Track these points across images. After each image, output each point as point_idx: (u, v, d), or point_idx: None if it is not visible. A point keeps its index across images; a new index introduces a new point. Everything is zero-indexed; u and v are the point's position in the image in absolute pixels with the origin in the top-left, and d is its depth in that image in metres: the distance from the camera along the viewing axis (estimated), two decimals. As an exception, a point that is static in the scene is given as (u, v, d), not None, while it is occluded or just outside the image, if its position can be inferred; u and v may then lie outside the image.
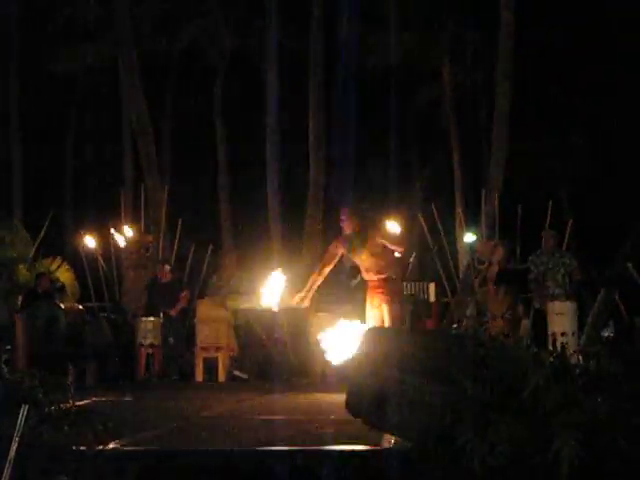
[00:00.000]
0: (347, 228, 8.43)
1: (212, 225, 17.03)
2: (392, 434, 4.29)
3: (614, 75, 16.80)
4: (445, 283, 12.55)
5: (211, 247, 12.93)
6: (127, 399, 7.89)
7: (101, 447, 4.25)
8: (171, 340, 10.65)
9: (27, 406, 3.82)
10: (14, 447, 3.67)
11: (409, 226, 13.86)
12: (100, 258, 12.79)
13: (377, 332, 4.84)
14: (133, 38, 14.25)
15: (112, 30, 14.81)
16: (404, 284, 11.31)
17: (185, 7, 17.48)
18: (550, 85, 17.51)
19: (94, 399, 6.34)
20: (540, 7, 15.87)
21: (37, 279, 11.19)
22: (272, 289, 8.90)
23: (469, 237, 13.21)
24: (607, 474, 3.76)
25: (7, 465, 3.60)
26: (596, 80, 17.02)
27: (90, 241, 12.44)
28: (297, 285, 8.97)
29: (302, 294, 8.47)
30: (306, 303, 8.55)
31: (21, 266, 12.16)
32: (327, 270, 8.47)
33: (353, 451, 4.25)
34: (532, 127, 16.96)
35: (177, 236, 13.12)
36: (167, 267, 11.33)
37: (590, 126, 17.74)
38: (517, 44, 13.26)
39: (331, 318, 10.73)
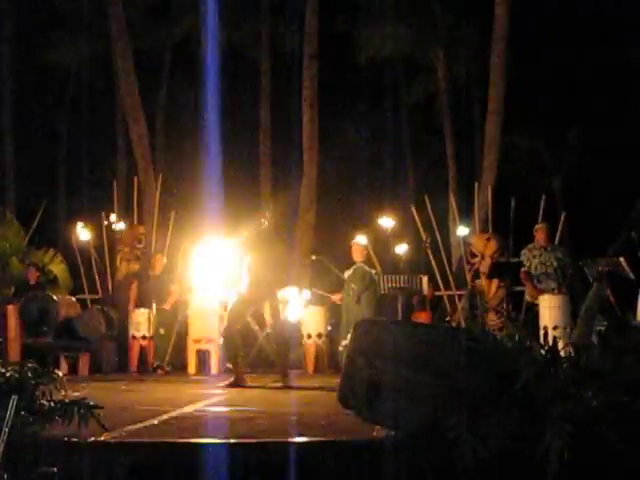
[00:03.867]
0: None
1: (205, 218, 16.98)
2: (384, 426, 4.29)
3: (609, 68, 16.83)
4: (438, 276, 12.57)
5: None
6: (120, 390, 7.89)
7: (93, 439, 4.24)
8: (162, 331, 10.64)
9: (17, 397, 3.80)
10: (3, 438, 3.66)
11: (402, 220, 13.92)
12: (93, 250, 12.76)
13: (370, 324, 4.83)
14: (127, 30, 14.21)
15: (107, 22, 14.75)
16: (398, 276, 11.34)
17: (179, 0, 17.44)
18: (544, 79, 17.53)
19: (86, 391, 6.32)
20: (534, 1, 15.89)
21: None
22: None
23: (462, 230, 13.24)
24: (597, 467, 3.78)
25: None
26: (590, 74, 17.05)
27: (83, 231, 12.39)
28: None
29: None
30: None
31: (14, 257, 12.13)
32: None
33: (345, 443, 4.25)
34: (525, 121, 16.99)
35: (170, 229, 13.11)
36: (164, 259, 11.33)
37: (583, 120, 17.78)
38: (511, 39, 13.27)
39: (323, 311, 10.83)
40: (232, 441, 4.31)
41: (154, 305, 10.54)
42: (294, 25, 15.64)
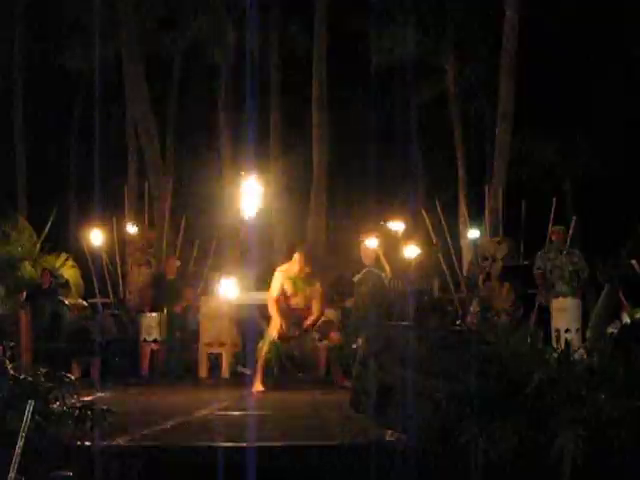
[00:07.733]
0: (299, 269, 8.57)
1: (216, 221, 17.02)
2: (395, 429, 4.29)
3: (619, 72, 16.78)
4: (449, 279, 12.55)
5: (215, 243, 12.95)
6: (132, 394, 7.91)
7: (106, 443, 4.26)
8: (178, 334, 10.65)
9: (34, 402, 3.82)
10: (20, 442, 3.67)
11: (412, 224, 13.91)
12: (104, 254, 12.79)
13: (381, 328, 4.84)
14: (137, 35, 14.26)
15: (117, 28, 14.81)
16: (408, 279, 11.34)
17: (189, 5, 17.46)
18: (554, 82, 17.49)
19: (99, 395, 6.35)
20: (544, 5, 15.86)
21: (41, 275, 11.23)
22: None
23: (473, 233, 13.21)
24: (610, 470, 3.77)
25: (14, 460, 3.60)
26: (600, 77, 17.00)
27: (95, 235, 12.42)
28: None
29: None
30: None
31: (26, 262, 12.18)
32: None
33: (357, 447, 4.26)
34: (536, 123, 16.95)
35: (181, 232, 13.14)
36: (177, 262, 11.36)
37: (593, 122, 17.72)
38: (521, 41, 13.24)
39: (336, 313, 10.81)
40: (245, 444, 4.32)
41: (165, 309, 10.56)
42: (304, 27, 15.65)
